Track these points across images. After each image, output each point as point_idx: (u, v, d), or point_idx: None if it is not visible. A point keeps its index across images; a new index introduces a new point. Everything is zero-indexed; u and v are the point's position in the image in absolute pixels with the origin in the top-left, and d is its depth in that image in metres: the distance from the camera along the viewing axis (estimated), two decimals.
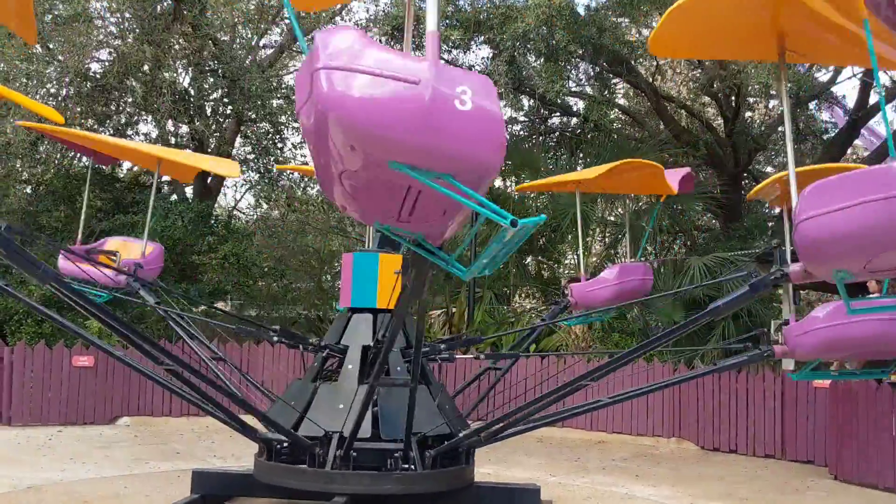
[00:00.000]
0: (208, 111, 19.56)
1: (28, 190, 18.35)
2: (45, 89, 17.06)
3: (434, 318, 20.23)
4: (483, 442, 6.76)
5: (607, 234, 20.30)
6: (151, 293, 8.51)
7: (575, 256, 18.89)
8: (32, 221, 17.16)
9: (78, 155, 18.93)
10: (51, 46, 17.04)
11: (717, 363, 6.83)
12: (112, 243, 9.44)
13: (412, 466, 6.37)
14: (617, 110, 20.62)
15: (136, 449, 11.04)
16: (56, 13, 16.97)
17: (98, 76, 17.39)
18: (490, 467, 9.89)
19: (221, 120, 20.03)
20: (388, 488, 6.28)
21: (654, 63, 21.33)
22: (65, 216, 17.01)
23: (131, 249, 8.96)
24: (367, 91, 2.70)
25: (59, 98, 16.99)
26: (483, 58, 20.04)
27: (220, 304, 20.21)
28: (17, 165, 17.14)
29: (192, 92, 18.81)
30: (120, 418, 13.40)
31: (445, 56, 19.71)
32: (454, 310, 18.29)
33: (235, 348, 14.04)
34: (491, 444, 7.79)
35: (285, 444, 6.49)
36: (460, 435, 6.67)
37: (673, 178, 8.99)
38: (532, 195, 18.70)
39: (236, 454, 10.42)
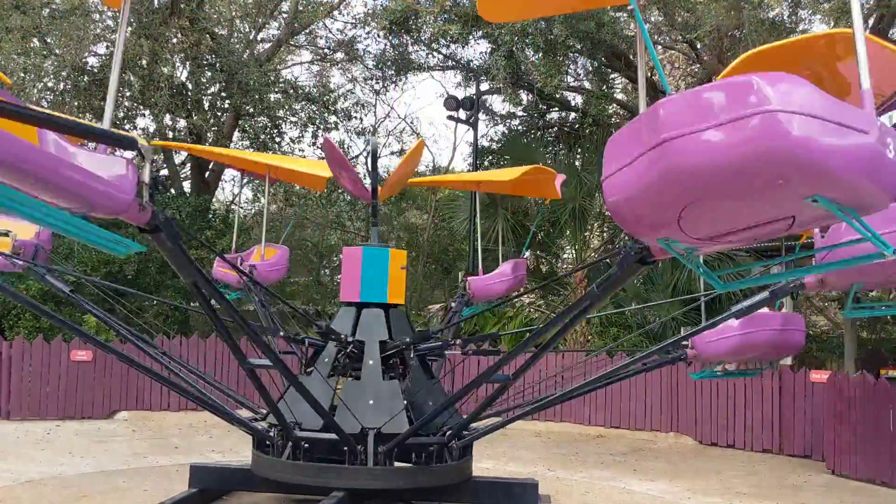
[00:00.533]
0: (206, 105, 19.53)
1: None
2: (42, 83, 17.03)
3: (433, 311, 20.26)
4: (448, 441, 6.79)
5: (605, 230, 20.31)
6: (60, 279, 7.57)
7: (574, 251, 18.91)
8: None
9: None
10: (48, 40, 17.00)
11: (647, 363, 7.12)
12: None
13: (445, 460, 6.51)
14: (615, 105, 20.60)
15: (135, 443, 11.05)
16: (53, 6, 16.92)
17: (95, 70, 17.34)
18: (489, 462, 9.91)
19: (219, 114, 20.00)
20: (426, 481, 6.38)
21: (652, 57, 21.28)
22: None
23: (28, 230, 7.18)
24: (821, 134, 2.98)
25: (57, 92, 16.96)
26: (481, 52, 20.03)
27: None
28: None
29: (190, 86, 18.78)
30: (118, 412, 13.41)
31: (443, 51, 19.70)
32: (453, 304, 18.30)
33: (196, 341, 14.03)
34: (488, 440, 7.83)
35: (305, 443, 6.46)
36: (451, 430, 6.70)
37: (560, 182, 9.31)
38: None
39: (234, 448, 10.43)
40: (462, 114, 19.12)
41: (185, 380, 7.30)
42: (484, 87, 19.49)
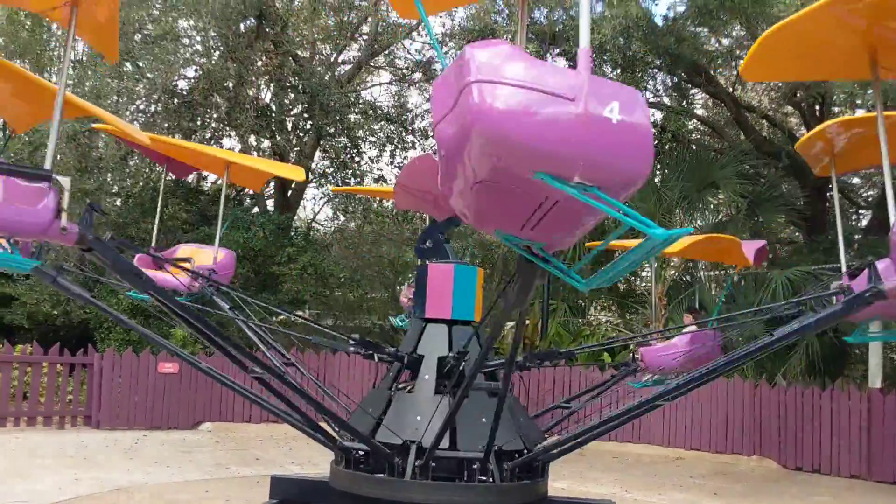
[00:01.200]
0: (289, 126, 20.05)
1: (118, 202, 19.11)
2: (134, 106, 17.79)
3: (506, 330, 20.21)
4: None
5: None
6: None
7: (652, 269, 18.63)
8: (122, 233, 17.86)
9: (164, 170, 19.66)
10: (140, 64, 17.75)
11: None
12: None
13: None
14: (695, 121, 20.26)
15: (218, 454, 11.35)
16: (145, 32, 17.68)
17: (185, 93, 18.03)
18: (564, 482, 9.82)
19: (301, 135, 20.50)
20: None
21: (734, 73, 20.90)
22: (152, 227, 17.65)
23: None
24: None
25: (148, 114, 17.69)
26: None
27: (298, 313, 20.64)
28: (108, 179, 17.89)
29: (274, 107, 19.32)
30: (202, 424, 13.82)
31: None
32: (527, 322, 18.24)
33: (312, 356, 14.31)
34: (564, 460, 7.75)
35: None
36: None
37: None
38: None
39: (313, 460, 10.62)
40: None
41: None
42: None
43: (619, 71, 16.27)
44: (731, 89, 20.14)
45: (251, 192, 22.99)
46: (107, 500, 7.85)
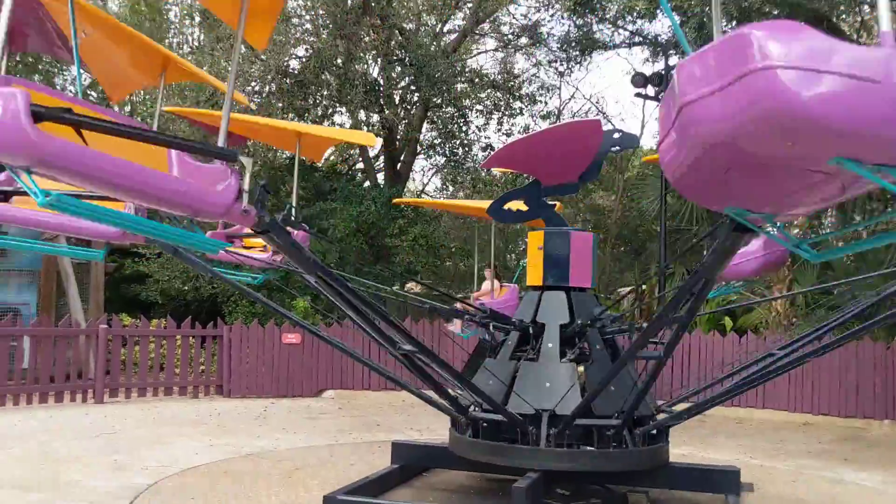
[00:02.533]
0: (396, 99, 20.26)
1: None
2: (250, 87, 18.38)
3: (624, 294, 19.92)
4: (681, 420, 6.65)
5: None
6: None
7: (774, 229, 17.87)
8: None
9: (280, 149, 20.26)
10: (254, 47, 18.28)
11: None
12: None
13: (625, 445, 6.39)
14: None
15: (340, 420, 11.74)
16: None
17: (296, 72, 18.48)
18: (685, 448, 9.65)
19: (409, 107, 20.68)
20: (606, 465, 6.34)
21: (859, 19, 19.63)
22: (271, 206, 18.27)
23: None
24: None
25: (263, 94, 18.24)
26: (670, 26, 19.31)
27: (410, 284, 21.00)
28: None
29: (382, 82, 19.55)
30: (325, 391, 14.33)
31: (629, 27, 19.23)
32: (644, 286, 17.91)
33: (425, 327, 14.55)
34: (685, 426, 7.64)
35: (486, 423, 6.63)
36: (669, 413, 6.60)
37: None
38: None
39: (431, 427, 10.83)
40: (650, 90, 18.52)
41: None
42: (673, 61, 18.81)
43: (734, 24, 15.57)
44: (855, 36, 18.95)
45: (362, 166, 23.42)
46: (240, 465, 8.27)
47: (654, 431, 6.68)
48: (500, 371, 7.01)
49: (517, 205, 7.87)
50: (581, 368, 6.79)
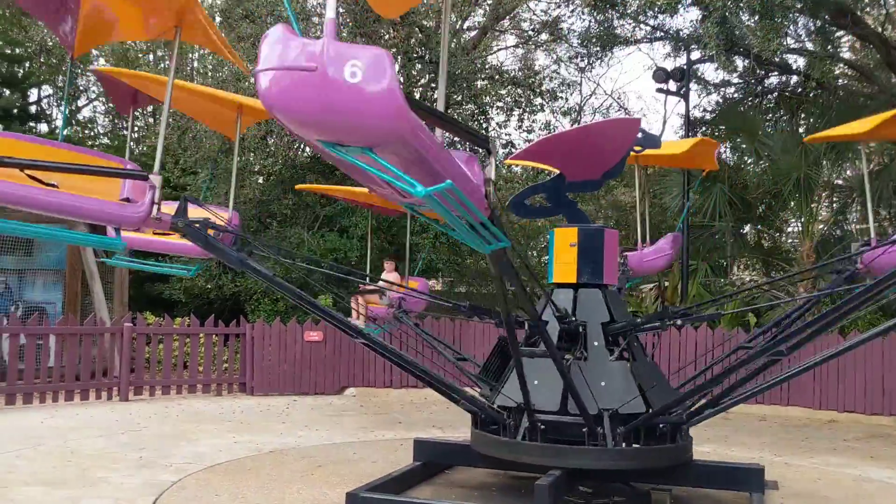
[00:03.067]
0: (417, 97, 20.27)
1: (260, 180, 19.98)
2: None
3: (645, 292, 19.82)
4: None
5: (834, 200, 18.83)
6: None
7: (799, 224, 17.72)
8: (265, 209, 18.68)
9: (301, 146, 20.37)
10: None
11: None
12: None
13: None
14: (842, 65, 18.97)
15: (362, 418, 11.79)
16: (277, 13, 18.26)
17: None
18: (709, 446, 9.59)
19: (430, 105, 20.67)
20: (578, 462, 6.32)
21: (884, 11, 19.38)
22: (293, 203, 18.38)
23: None
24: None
25: None
26: (691, 21, 19.18)
27: (432, 282, 21.00)
28: (251, 158, 18.69)
29: (402, 79, 19.56)
30: (347, 389, 14.39)
31: (651, 22, 19.12)
32: (666, 283, 17.80)
33: (446, 324, 14.55)
34: (708, 423, 7.55)
35: (543, 425, 6.57)
36: (652, 411, 6.51)
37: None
38: (750, 162, 17.77)
39: (453, 424, 10.84)
40: (672, 85, 18.41)
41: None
42: (695, 55, 18.66)
43: (757, 17, 15.41)
44: (880, 29, 18.71)
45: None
46: (263, 462, 8.32)
47: (662, 429, 6.62)
48: (547, 369, 6.92)
49: (538, 200, 7.84)
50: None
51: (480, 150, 4.73)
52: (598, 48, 19.19)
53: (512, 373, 6.86)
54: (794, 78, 19.34)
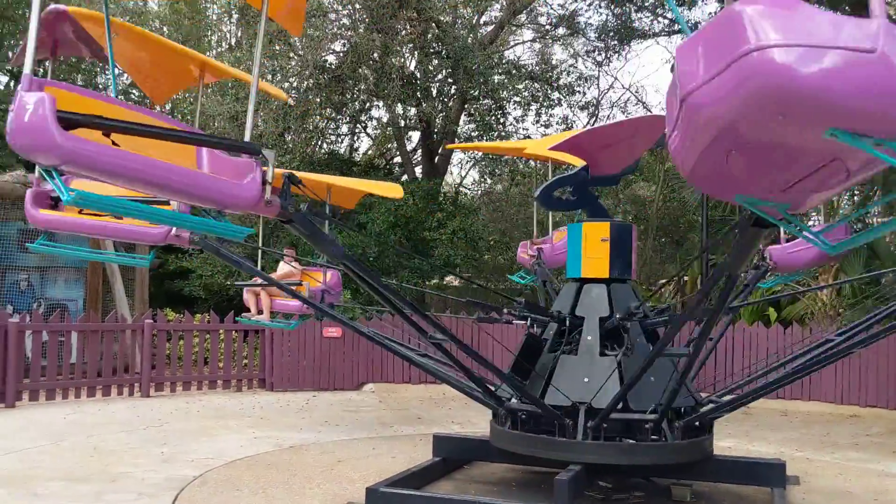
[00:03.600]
0: (433, 92, 20.26)
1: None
2: (288, 83, 18.53)
3: (665, 287, 19.72)
4: (724, 413, 6.56)
5: (856, 191, 18.63)
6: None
7: (821, 217, 17.55)
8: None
9: (319, 143, 20.43)
10: (291, 42, 18.43)
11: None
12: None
13: (663, 438, 6.33)
14: None
15: (381, 413, 11.82)
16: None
17: (333, 67, 18.58)
18: (729, 441, 9.55)
19: (446, 100, 20.67)
20: (642, 459, 6.30)
21: None
22: (311, 201, 18.43)
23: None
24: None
25: (301, 90, 18.38)
26: (710, 13, 19.01)
27: (449, 277, 21.02)
28: None
29: (419, 75, 19.56)
30: (365, 385, 14.42)
31: (669, 15, 18.99)
32: (686, 278, 17.71)
33: (465, 320, 14.54)
34: (729, 418, 7.54)
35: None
36: (707, 406, 6.53)
37: None
38: None
39: (472, 420, 10.85)
40: None
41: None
42: None
43: (846, 7, 15.18)
44: None
45: (399, 160, 23.46)
46: (284, 457, 8.37)
47: (697, 424, 6.61)
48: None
49: (563, 193, 7.81)
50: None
51: None
52: (616, 42, 19.13)
53: (556, 371, 6.83)
54: None
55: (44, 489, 6.70)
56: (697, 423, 6.59)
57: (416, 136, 23.51)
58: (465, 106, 20.54)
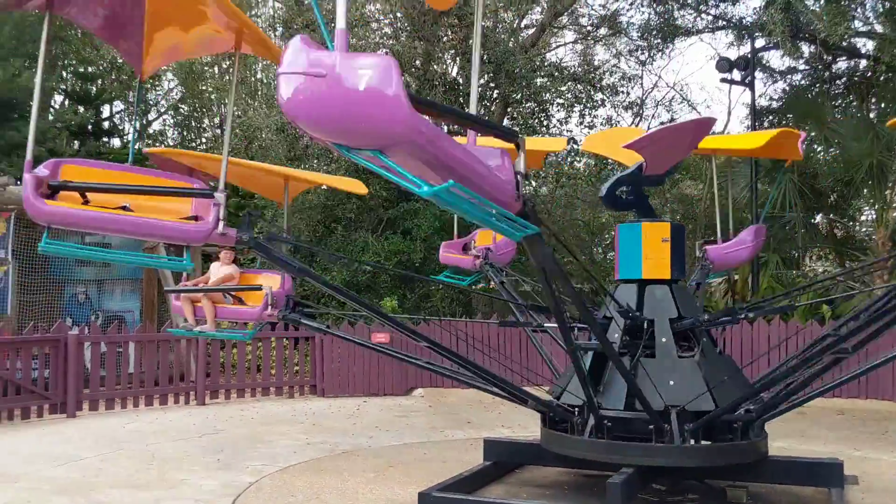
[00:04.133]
0: (476, 96, 20.29)
1: (324, 186, 20.27)
2: None
3: (714, 286, 19.46)
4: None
5: None
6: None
7: (873, 212, 17.17)
8: (330, 213, 18.96)
9: None
10: None
11: None
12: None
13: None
14: None
15: (431, 418, 11.88)
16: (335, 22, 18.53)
17: None
18: (784, 441, 9.39)
19: (489, 104, 20.71)
20: (734, 459, 6.31)
21: None
22: (356, 207, 18.62)
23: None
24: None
25: None
26: (755, 8, 18.75)
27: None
28: (315, 165, 19.00)
29: (461, 80, 19.63)
30: (415, 390, 14.50)
31: (712, 11, 18.80)
32: (736, 277, 17.45)
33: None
34: (783, 418, 7.41)
35: (610, 422, 6.50)
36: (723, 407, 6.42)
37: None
38: (819, 150, 17.31)
39: (522, 424, 10.85)
40: (736, 75, 18.04)
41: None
42: (759, 43, 18.28)
43: (822, 2, 15.02)
44: None
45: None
46: (336, 462, 8.48)
47: (734, 426, 6.54)
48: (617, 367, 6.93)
49: (623, 192, 7.76)
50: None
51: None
52: (659, 40, 18.96)
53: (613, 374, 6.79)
54: (864, 62, 18.77)
55: (105, 497, 6.89)
56: (726, 426, 6.50)
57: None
58: (508, 109, 20.54)
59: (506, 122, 20.98)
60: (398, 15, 18.62)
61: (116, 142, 25.24)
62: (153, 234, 5.67)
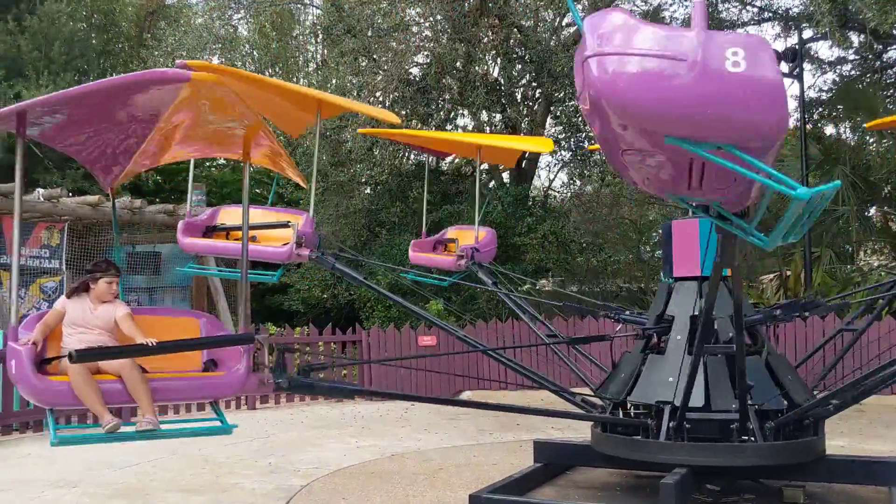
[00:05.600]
0: (518, 97, 20.24)
1: (368, 190, 20.40)
2: (373, 97, 18.84)
3: (766, 282, 19.08)
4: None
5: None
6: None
7: None
8: (374, 218, 19.07)
9: (408, 155, 20.69)
10: (375, 58, 18.75)
11: None
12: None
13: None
14: None
15: (480, 420, 11.84)
16: (376, 26, 18.64)
17: (418, 79, 18.79)
18: (842, 440, 9.16)
19: (531, 104, 20.62)
20: (726, 460, 6.12)
21: None
22: (400, 211, 18.69)
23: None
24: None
25: (387, 104, 18.66)
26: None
27: (542, 282, 20.90)
28: (358, 169, 19.13)
29: (503, 81, 19.58)
30: (462, 392, 14.48)
31: (757, 3, 18.46)
32: (788, 272, 17.08)
33: (559, 323, 14.44)
34: (841, 417, 7.23)
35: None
36: (805, 404, 6.29)
37: None
38: (872, 141, 16.87)
39: (573, 425, 10.75)
40: (784, 67, 17.62)
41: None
42: (807, 34, 17.89)
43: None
44: None
45: (486, 166, 23.50)
46: (386, 465, 8.49)
47: (805, 423, 6.37)
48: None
49: None
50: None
51: None
52: None
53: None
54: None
55: (161, 501, 7.00)
56: (798, 424, 6.36)
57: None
58: (551, 109, 20.42)
59: (549, 121, 20.88)
60: (438, 17, 18.64)
61: None
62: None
